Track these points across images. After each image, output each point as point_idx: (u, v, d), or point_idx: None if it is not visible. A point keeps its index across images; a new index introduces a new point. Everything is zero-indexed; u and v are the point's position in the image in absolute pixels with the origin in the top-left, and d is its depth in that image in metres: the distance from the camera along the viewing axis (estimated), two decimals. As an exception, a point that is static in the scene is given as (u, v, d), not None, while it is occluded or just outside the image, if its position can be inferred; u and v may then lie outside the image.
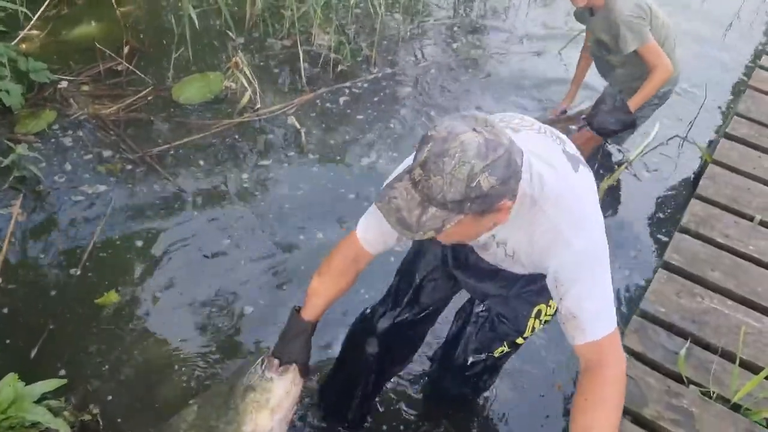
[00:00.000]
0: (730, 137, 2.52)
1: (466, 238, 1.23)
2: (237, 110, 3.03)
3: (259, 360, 1.41)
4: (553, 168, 1.20)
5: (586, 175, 1.26)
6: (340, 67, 3.38)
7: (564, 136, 1.32)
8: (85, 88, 3.08)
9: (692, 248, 2.09)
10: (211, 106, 3.08)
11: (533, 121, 1.31)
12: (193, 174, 2.72)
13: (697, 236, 2.13)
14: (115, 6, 3.33)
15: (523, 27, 3.98)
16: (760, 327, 1.88)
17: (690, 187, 2.89)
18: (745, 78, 3.68)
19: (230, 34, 3.31)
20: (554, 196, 1.18)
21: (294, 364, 1.40)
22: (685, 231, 2.15)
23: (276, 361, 1.40)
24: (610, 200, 2.84)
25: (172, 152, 2.80)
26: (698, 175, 2.71)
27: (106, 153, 2.75)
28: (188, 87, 3.14)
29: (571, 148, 1.29)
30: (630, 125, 2.59)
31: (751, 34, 4.23)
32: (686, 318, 1.88)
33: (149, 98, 3.06)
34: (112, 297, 2.19)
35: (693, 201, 2.25)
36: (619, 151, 3.10)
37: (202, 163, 2.78)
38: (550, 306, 1.51)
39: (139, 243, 2.39)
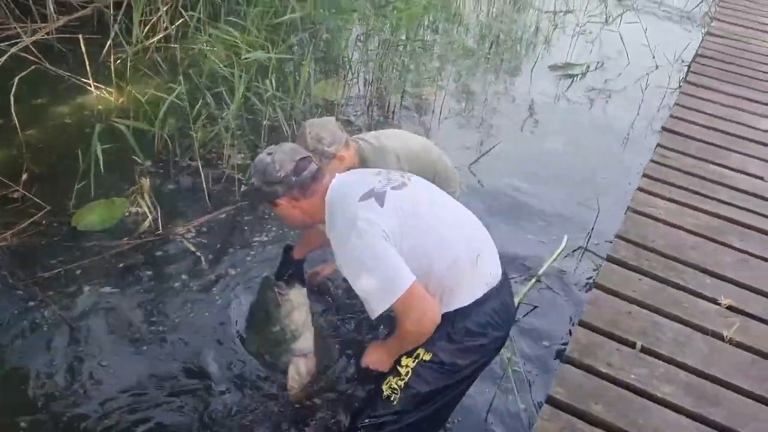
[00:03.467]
0: (612, 260, 2.62)
1: (290, 221, 1.96)
2: (136, 234, 2.98)
3: (269, 289, 2.18)
4: (350, 193, 1.76)
5: (369, 206, 1.70)
6: (243, 187, 3.40)
7: (393, 180, 1.81)
8: (-25, 215, 2.98)
9: (576, 380, 2.10)
10: (111, 231, 3.01)
11: (398, 176, 1.85)
12: (79, 300, 2.62)
13: (581, 366, 2.15)
14: (19, 130, 3.29)
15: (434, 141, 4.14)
16: (640, 463, 1.88)
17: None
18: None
19: (137, 159, 3.31)
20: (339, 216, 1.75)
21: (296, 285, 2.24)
22: (570, 361, 2.17)
23: (282, 284, 2.21)
24: (521, 316, 2.85)
25: (59, 278, 2.70)
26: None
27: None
28: (89, 213, 3.07)
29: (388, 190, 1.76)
30: None
31: (643, 146, 4.55)
32: (569, 459, 1.86)
33: (44, 223, 2.98)
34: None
35: (577, 329, 2.30)
36: (527, 267, 3.17)
37: (88, 288, 2.69)
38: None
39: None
